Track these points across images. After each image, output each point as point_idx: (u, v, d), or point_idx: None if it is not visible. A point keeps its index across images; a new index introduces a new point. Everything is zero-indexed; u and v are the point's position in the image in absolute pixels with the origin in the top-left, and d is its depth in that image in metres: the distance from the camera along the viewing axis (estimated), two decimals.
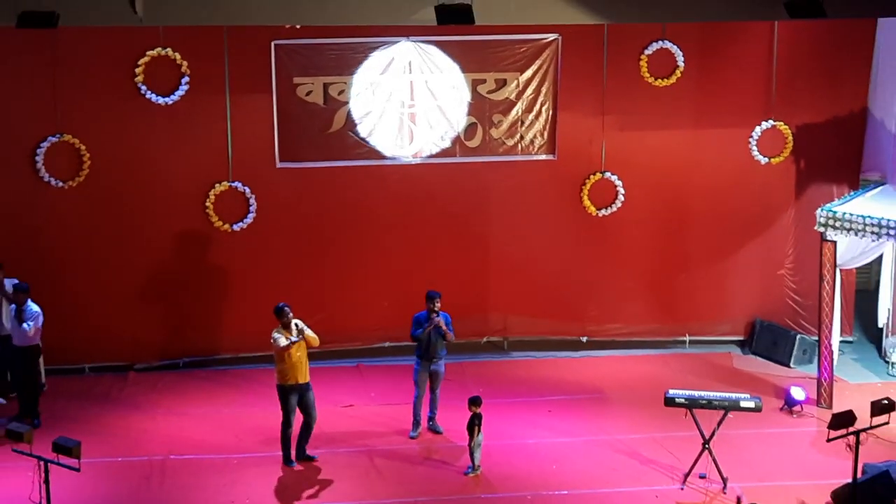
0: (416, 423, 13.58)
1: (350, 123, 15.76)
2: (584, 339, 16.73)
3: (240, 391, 15.04)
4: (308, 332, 12.82)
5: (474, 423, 12.73)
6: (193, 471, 12.92)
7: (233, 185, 15.63)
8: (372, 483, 12.72)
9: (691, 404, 12.58)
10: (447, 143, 16.06)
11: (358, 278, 16.18)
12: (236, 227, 15.72)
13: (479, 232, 16.39)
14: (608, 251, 16.56)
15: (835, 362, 14.86)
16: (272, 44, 15.35)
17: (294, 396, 12.84)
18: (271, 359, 12.97)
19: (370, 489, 12.58)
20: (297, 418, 12.97)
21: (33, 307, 14.01)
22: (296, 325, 12.81)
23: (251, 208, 15.71)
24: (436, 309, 13.50)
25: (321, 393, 13.42)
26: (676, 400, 12.69)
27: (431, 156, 16.04)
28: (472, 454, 12.79)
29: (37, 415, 13.92)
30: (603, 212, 16.39)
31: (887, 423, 11.67)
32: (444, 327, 13.48)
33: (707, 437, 12.40)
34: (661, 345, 16.76)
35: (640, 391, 14.88)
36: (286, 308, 12.86)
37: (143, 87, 15.20)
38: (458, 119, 16.01)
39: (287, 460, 12.95)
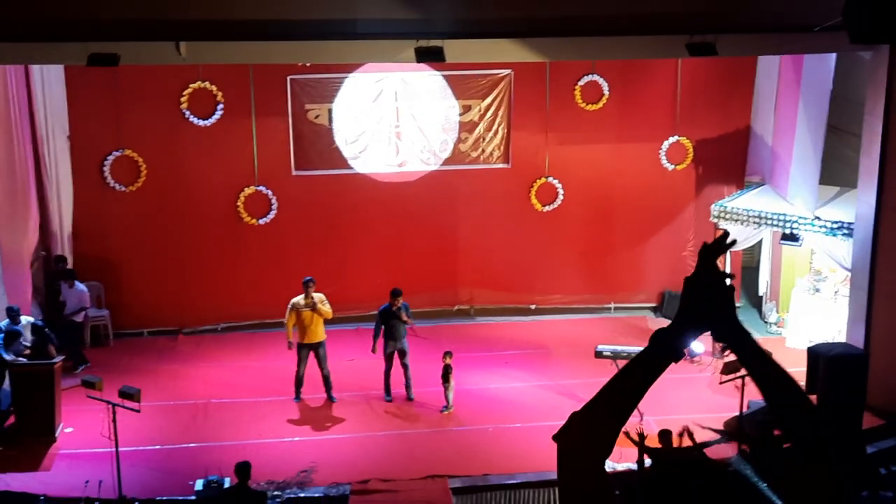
0: (388, 390, 13.34)
1: (349, 140, 15.73)
2: (533, 306, 16.74)
3: (266, 349, 15.02)
4: (323, 306, 12.79)
5: (447, 372, 12.78)
6: (230, 411, 12.94)
7: (258, 188, 15.57)
8: (368, 419, 12.77)
9: (615, 356, 12.65)
10: (425, 155, 16.03)
11: (356, 260, 16.14)
12: (261, 222, 15.67)
13: (451, 224, 16.37)
14: (551, 238, 16.56)
15: None
16: (288, 78, 15.29)
17: (305, 351, 12.85)
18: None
19: (367, 423, 12.63)
20: (311, 366, 12.98)
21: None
22: (313, 297, 12.75)
23: (273, 207, 15.66)
24: (397, 304, 13.21)
25: (329, 351, 13.42)
26: (604, 353, 12.77)
27: (413, 165, 16.02)
28: (446, 396, 12.83)
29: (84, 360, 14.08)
30: (547, 208, 16.39)
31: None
32: (408, 320, 13.27)
33: None
34: (593, 310, 16.81)
35: (576, 347, 14.92)
36: (310, 282, 12.81)
37: (187, 112, 15.13)
38: (434, 136, 15.98)
39: (297, 396, 12.99)
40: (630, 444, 3.55)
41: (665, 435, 10.14)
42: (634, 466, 9.37)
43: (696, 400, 13.29)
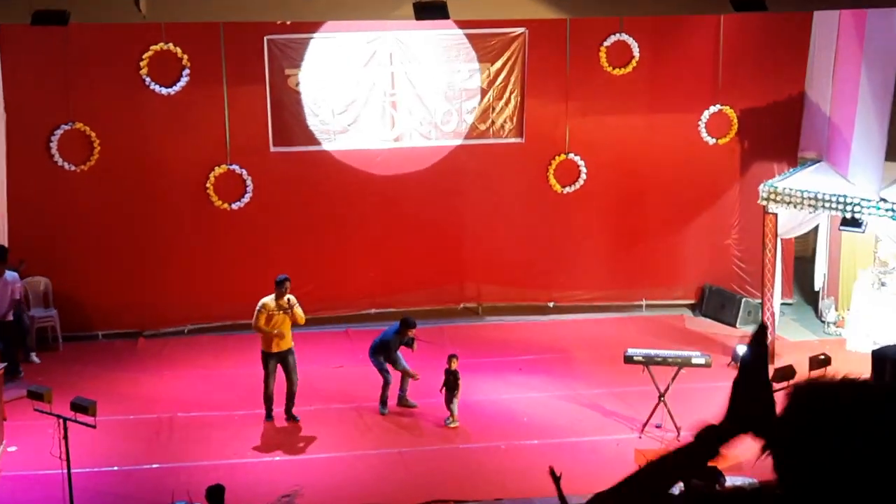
0: (384, 402, 13.33)
1: (337, 110, 15.74)
2: (551, 304, 16.77)
3: (239, 354, 14.97)
4: (297, 309, 12.79)
5: (454, 378, 12.78)
6: (199, 426, 12.94)
7: (231, 167, 15.57)
8: (360, 436, 12.76)
9: (648, 361, 12.63)
10: (425, 128, 16.03)
11: (346, 251, 16.15)
12: (234, 206, 15.67)
13: (455, 208, 16.37)
14: (572, 225, 16.57)
15: (776, 322, 14.95)
16: (265, 38, 15.26)
17: (272, 361, 12.84)
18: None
19: (358, 441, 12.62)
20: (281, 378, 13.01)
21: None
22: (288, 299, 12.76)
23: (248, 189, 15.65)
24: (410, 335, 13.20)
25: (314, 355, 13.42)
26: (634, 358, 12.75)
27: (411, 140, 16.03)
28: (449, 406, 12.83)
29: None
30: (567, 189, 16.40)
31: (823, 375, 11.74)
32: (414, 349, 13.34)
33: (662, 391, 12.47)
34: (621, 308, 16.82)
35: (602, 350, 14.93)
36: (286, 282, 12.81)
37: (148, 79, 15.10)
38: (435, 106, 15.97)
39: (268, 416, 13.00)
40: None
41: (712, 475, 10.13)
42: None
43: None
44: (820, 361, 11.75)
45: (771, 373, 10.94)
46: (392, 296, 16.31)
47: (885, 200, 14.00)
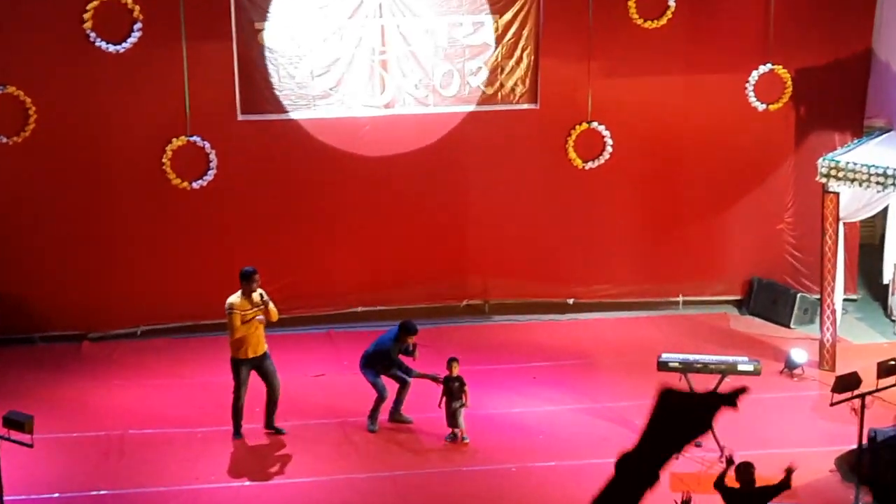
0: (374, 418, 13.29)
1: (317, 72, 15.74)
2: (571, 301, 16.76)
3: (203, 360, 14.99)
4: (271, 305, 12.78)
5: (459, 384, 12.77)
6: (154, 446, 12.90)
7: (191, 139, 15.53)
8: (346, 457, 12.73)
9: (686, 368, 12.60)
10: (422, 93, 16.01)
11: (327, 239, 16.16)
12: (195, 185, 15.64)
13: (457, 187, 16.38)
14: (596, 206, 16.55)
15: (838, 322, 14.90)
16: None
17: (247, 369, 12.83)
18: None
19: (344, 464, 12.59)
20: (255, 389, 12.98)
21: None
22: (260, 294, 12.74)
23: (211, 164, 15.62)
24: (411, 341, 13.16)
25: (290, 361, 13.40)
26: (670, 364, 12.72)
27: (405, 106, 16.01)
28: (452, 419, 12.81)
29: None
30: (590, 164, 16.38)
31: (895, 385, 11.74)
32: (415, 358, 13.32)
33: None
34: (653, 306, 16.81)
35: (631, 356, 14.89)
36: (256, 275, 12.76)
37: (93, 35, 15.04)
38: (433, 66, 15.95)
39: (236, 433, 12.97)
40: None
41: (745, 471, 10.17)
42: None
43: (797, 428, 13.31)
44: (890, 368, 11.73)
45: (833, 382, 10.87)
46: (382, 292, 16.29)
47: None
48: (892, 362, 11.78)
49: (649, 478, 3.36)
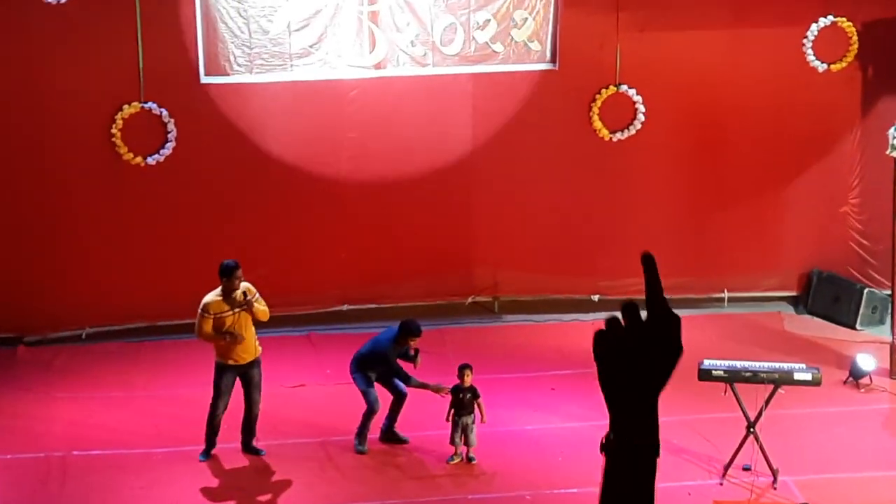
0: (363, 437, 13.26)
1: (295, 25, 15.75)
2: (596, 297, 16.81)
3: (161, 369, 14.99)
4: (258, 304, 12.73)
5: (473, 396, 12.75)
6: (103, 470, 12.86)
7: (145, 106, 15.54)
8: (330, 483, 12.70)
9: (732, 377, 12.57)
10: (419, 51, 16.03)
11: (308, 224, 16.21)
12: (151, 161, 15.65)
13: (461, 164, 16.40)
14: (625, 186, 16.60)
15: None
16: None
17: (230, 377, 12.78)
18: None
19: (327, 491, 12.57)
20: (238, 403, 13.01)
21: None
22: (244, 292, 12.68)
23: (170, 136, 15.64)
24: (413, 344, 13.11)
25: (264, 369, 13.35)
26: (713, 372, 12.68)
27: (399, 67, 16.03)
28: (459, 436, 12.80)
29: None
30: (618, 136, 16.42)
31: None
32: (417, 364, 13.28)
33: (752, 419, 12.42)
34: (694, 303, 16.78)
35: None
36: (238, 270, 12.67)
37: None
38: (433, 19, 15.96)
39: (205, 452, 12.93)
40: None
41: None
42: None
43: (865, 447, 13.28)
44: None
45: None
46: (373, 287, 16.37)
47: None
48: None
49: (649, 447, 3.53)
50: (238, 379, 12.87)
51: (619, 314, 3.60)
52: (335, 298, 16.34)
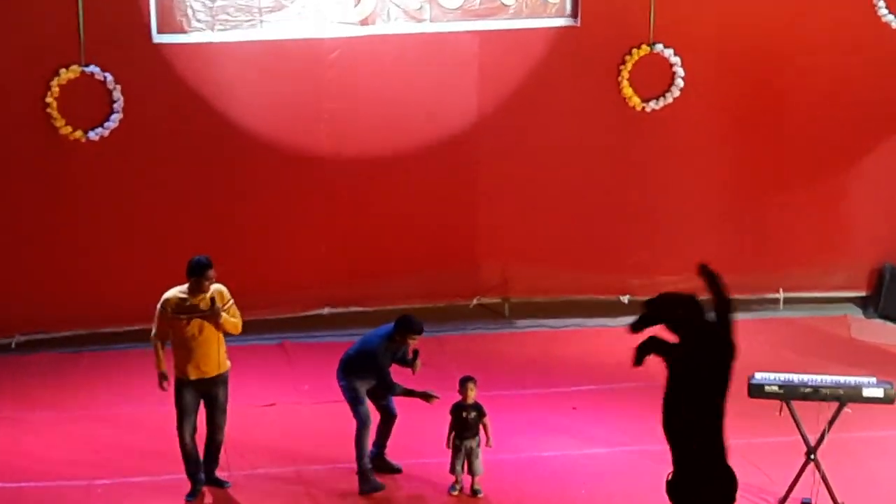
0: (362, 450, 12.95)
1: None
2: (626, 298, 16.95)
3: (105, 384, 15.03)
4: (230, 314, 12.60)
5: (477, 414, 12.68)
6: None
7: (86, 70, 15.55)
8: None
9: (789, 394, 12.46)
10: (414, 3, 16.06)
11: (282, 212, 16.28)
12: (93, 135, 15.66)
13: (466, 139, 16.50)
14: (660, 165, 16.73)
15: None
16: None
17: (191, 394, 12.63)
18: (150, 334, 12.83)
19: None
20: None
21: None
22: (212, 298, 12.57)
23: (115, 106, 15.65)
24: (413, 343, 12.85)
25: (232, 386, 13.35)
26: (766, 388, 12.60)
27: (390, 23, 16.07)
28: (462, 463, 12.73)
29: None
30: (652, 105, 16.51)
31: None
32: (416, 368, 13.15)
33: (813, 444, 12.35)
34: (744, 306, 16.64)
35: None
36: (209, 270, 12.48)
37: None
38: None
39: (193, 492, 12.78)
40: None
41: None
42: None
43: None
44: None
45: None
46: (359, 287, 16.49)
47: None
48: None
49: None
50: (202, 399, 12.76)
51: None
52: (314, 300, 16.44)
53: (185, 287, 12.47)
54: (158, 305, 12.52)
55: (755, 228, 16.94)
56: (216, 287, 12.52)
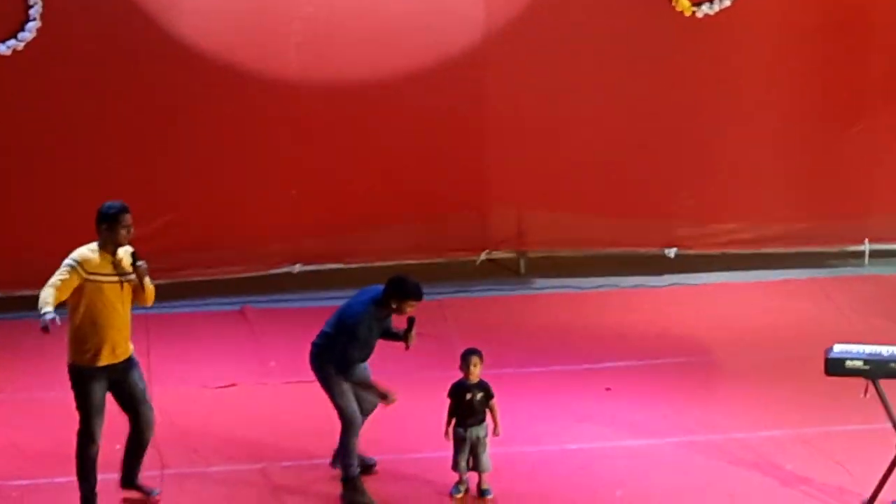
0: (349, 455, 12.91)
1: None
2: (671, 252, 17.07)
3: (15, 361, 15.07)
4: (147, 279, 12.47)
5: (484, 395, 12.60)
6: None
7: None
8: None
9: (876, 370, 12.37)
10: None
11: (241, 148, 16.31)
12: (4, 49, 15.70)
13: (469, 56, 16.59)
14: (715, 85, 16.77)
15: None
16: None
17: (99, 383, 12.50)
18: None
19: None
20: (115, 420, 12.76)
21: None
22: (133, 255, 12.46)
23: (32, 12, 15.66)
24: (410, 309, 12.74)
25: (175, 362, 13.26)
26: (848, 363, 12.51)
27: None
28: (465, 456, 12.65)
29: None
30: (705, 9, 16.51)
31: None
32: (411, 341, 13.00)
33: None
34: (818, 260, 17.02)
35: (778, 348, 14.98)
36: (125, 215, 12.41)
37: None
38: None
39: (86, 499, 12.66)
40: None
41: None
42: None
43: None
44: None
45: None
46: (337, 239, 16.61)
47: None
48: None
49: None
50: (112, 390, 12.61)
51: None
52: (282, 256, 16.56)
53: (94, 245, 12.31)
54: (67, 264, 12.31)
55: (833, 165, 17.05)
56: (128, 249, 12.35)
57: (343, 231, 16.40)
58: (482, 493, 12.66)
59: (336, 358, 12.37)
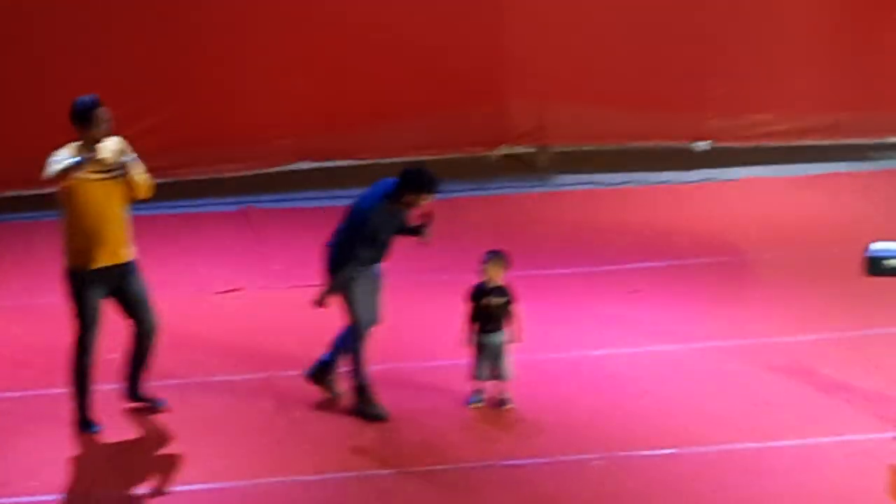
0: (368, 397, 12.82)
1: None
2: (704, 145, 17.10)
3: (3, 265, 15.24)
4: (136, 172, 12.51)
5: (502, 301, 12.68)
6: None
7: None
8: (281, 443, 12.57)
9: None
10: None
11: (243, 37, 16.45)
12: None
13: None
14: None
15: None
16: None
17: (99, 290, 12.56)
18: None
19: (282, 455, 12.41)
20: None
21: None
22: (121, 151, 12.50)
23: None
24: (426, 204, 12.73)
25: (175, 266, 13.33)
26: (887, 262, 12.75)
27: None
28: (486, 365, 12.74)
29: None
30: None
31: None
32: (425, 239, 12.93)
33: None
34: (860, 152, 17.07)
35: (815, 247, 15.07)
36: (99, 110, 12.45)
37: None
38: None
39: (84, 422, 12.68)
40: None
41: None
42: None
43: None
44: None
45: None
46: (345, 135, 16.79)
47: None
48: None
49: None
50: (112, 294, 12.67)
51: None
52: (286, 152, 16.69)
53: (73, 146, 12.32)
54: (56, 166, 12.33)
55: (870, 51, 17.14)
56: (116, 140, 12.37)
57: (351, 126, 16.46)
58: (502, 402, 12.74)
59: (347, 257, 12.31)
